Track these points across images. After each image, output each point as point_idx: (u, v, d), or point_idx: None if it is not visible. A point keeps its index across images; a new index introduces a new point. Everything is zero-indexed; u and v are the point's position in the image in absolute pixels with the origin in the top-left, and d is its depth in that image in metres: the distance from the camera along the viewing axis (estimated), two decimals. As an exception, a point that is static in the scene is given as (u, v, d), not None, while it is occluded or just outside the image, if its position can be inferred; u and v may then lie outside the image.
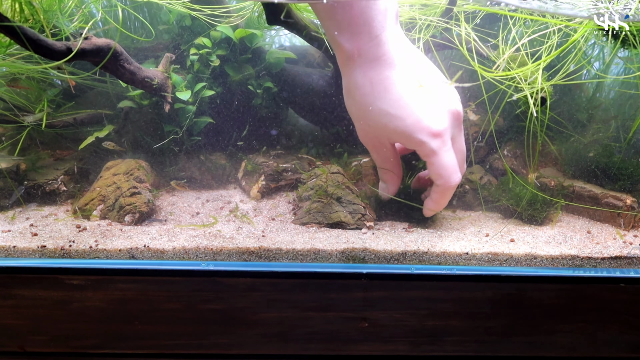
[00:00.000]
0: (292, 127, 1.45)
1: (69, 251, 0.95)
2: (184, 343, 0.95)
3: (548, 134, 1.29)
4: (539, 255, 0.98)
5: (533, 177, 1.23)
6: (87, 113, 1.31)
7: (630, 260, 0.97)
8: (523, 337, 0.95)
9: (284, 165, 1.27)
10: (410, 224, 1.12)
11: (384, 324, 0.93)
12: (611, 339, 0.95)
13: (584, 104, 1.38)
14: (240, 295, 0.91)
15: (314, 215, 1.10)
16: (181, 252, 0.96)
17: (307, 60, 1.48)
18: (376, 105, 0.98)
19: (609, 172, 1.21)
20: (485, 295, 0.92)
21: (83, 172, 1.27)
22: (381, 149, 1.06)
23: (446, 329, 0.94)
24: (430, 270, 0.93)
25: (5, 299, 0.90)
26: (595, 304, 0.93)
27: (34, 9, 1.05)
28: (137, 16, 1.37)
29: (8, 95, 1.24)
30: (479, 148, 1.33)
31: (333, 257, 0.97)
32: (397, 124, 0.98)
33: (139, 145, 1.27)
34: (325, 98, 1.33)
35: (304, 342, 0.95)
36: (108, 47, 1.07)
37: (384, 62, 0.96)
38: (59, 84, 1.36)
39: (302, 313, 0.93)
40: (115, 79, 1.21)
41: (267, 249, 0.97)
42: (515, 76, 1.13)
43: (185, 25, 1.31)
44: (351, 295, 0.92)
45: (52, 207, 1.18)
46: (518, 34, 1.23)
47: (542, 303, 0.93)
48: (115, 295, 0.91)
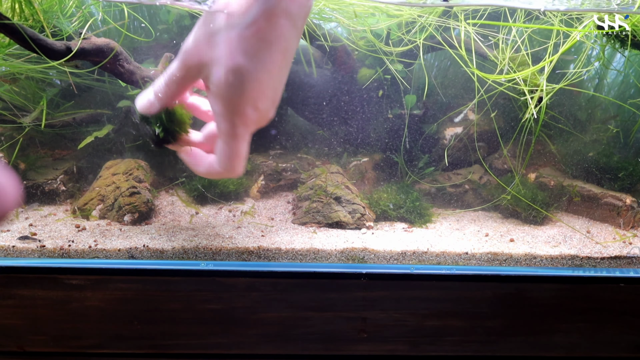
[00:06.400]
0: (292, 127, 1.44)
1: (68, 251, 0.95)
2: (184, 343, 0.95)
3: (548, 133, 1.29)
4: (539, 255, 0.98)
5: (526, 174, 1.23)
6: (87, 113, 1.31)
7: (630, 260, 0.97)
8: (523, 337, 0.95)
9: (283, 165, 1.27)
10: (409, 224, 1.12)
11: (384, 323, 0.93)
12: (611, 339, 0.95)
13: (584, 103, 1.38)
14: (240, 295, 0.91)
15: (313, 215, 1.10)
16: (180, 251, 0.96)
17: (306, 59, 1.48)
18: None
19: (608, 172, 1.21)
20: (485, 295, 0.92)
21: (82, 171, 1.27)
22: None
23: (446, 329, 0.94)
24: (430, 270, 0.93)
25: (4, 299, 0.90)
26: (595, 303, 0.92)
27: (34, 9, 1.05)
28: (137, 16, 1.37)
29: (8, 95, 1.24)
30: (479, 148, 1.33)
31: (332, 256, 0.97)
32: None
33: (139, 145, 1.27)
34: (324, 98, 1.33)
35: (303, 342, 0.95)
36: (108, 47, 1.07)
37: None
38: (58, 84, 1.36)
39: (302, 313, 0.93)
40: (114, 79, 1.21)
41: (266, 249, 0.96)
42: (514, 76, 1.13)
43: (185, 24, 1.30)
44: (351, 295, 0.91)
45: (51, 206, 1.17)
46: (518, 32, 1.23)
47: (542, 303, 0.92)
48: (115, 295, 0.91)
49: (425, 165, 1.29)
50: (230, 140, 0.88)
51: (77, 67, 1.18)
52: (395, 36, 1.29)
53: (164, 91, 0.91)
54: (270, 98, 0.87)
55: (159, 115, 0.91)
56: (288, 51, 0.85)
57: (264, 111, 0.87)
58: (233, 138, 0.87)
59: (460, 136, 1.29)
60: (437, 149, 1.31)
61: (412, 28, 1.26)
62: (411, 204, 1.15)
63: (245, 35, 0.82)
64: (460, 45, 1.20)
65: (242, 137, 0.87)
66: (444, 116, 1.34)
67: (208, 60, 0.85)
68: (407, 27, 1.27)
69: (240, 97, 0.85)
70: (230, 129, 0.87)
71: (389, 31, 1.28)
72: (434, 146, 1.32)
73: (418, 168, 1.21)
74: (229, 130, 0.87)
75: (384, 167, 1.31)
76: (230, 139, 0.87)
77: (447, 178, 1.28)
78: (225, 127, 0.87)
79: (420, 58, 1.26)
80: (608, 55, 1.34)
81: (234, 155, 0.89)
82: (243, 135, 0.87)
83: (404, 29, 1.28)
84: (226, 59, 0.84)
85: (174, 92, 0.90)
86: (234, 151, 0.88)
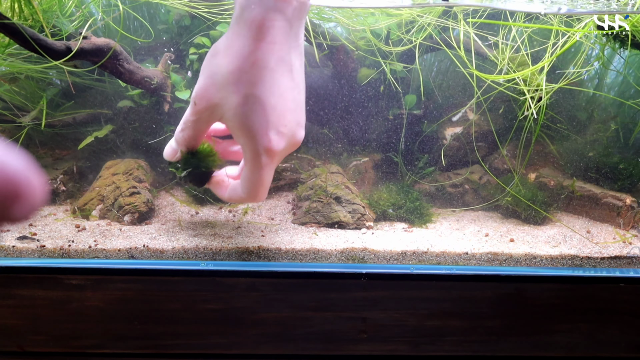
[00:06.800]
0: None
1: (68, 251, 0.95)
2: (184, 343, 0.95)
3: (548, 133, 1.29)
4: (539, 255, 0.98)
5: (526, 174, 1.23)
6: (87, 113, 1.31)
7: (630, 260, 0.97)
8: (523, 337, 0.95)
9: (283, 165, 1.27)
10: (409, 224, 1.12)
11: (384, 323, 0.93)
12: (611, 339, 0.95)
13: (584, 103, 1.38)
14: (240, 295, 0.91)
15: (313, 215, 1.10)
16: (180, 251, 0.96)
17: (306, 59, 1.48)
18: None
19: (608, 171, 1.21)
20: (485, 295, 0.92)
21: (82, 171, 1.27)
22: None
23: (446, 329, 0.94)
24: (430, 270, 0.93)
25: (4, 299, 0.90)
26: (595, 303, 0.92)
27: (34, 8, 1.05)
28: (137, 16, 1.37)
29: (8, 95, 1.24)
30: (479, 148, 1.33)
31: (332, 256, 0.97)
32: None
33: (138, 145, 1.27)
34: (324, 97, 1.33)
35: (303, 342, 0.95)
36: (107, 47, 1.07)
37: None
38: (57, 84, 1.35)
39: (302, 313, 0.93)
40: (114, 79, 1.21)
41: (266, 249, 0.96)
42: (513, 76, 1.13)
43: (184, 24, 1.30)
44: (351, 295, 0.91)
45: (51, 206, 1.17)
46: (518, 32, 1.23)
47: (542, 303, 0.92)
48: (115, 295, 0.91)
49: (425, 165, 1.29)
50: (256, 169, 0.87)
51: (75, 67, 1.18)
52: (395, 36, 1.29)
53: (181, 138, 0.92)
54: (291, 120, 0.85)
55: (184, 158, 0.93)
56: (294, 72, 0.84)
57: (288, 135, 0.86)
58: (258, 167, 0.86)
59: (460, 136, 1.29)
60: (436, 148, 1.31)
61: (412, 28, 1.26)
62: (411, 204, 1.15)
63: (245, 67, 0.82)
64: (460, 45, 1.20)
65: (267, 166, 0.87)
66: (444, 116, 1.34)
67: (218, 101, 0.85)
68: (407, 26, 1.27)
69: (260, 125, 0.84)
70: (255, 158, 0.86)
71: (389, 31, 1.28)
72: (433, 146, 1.32)
73: (418, 168, 1.21)
74: (254, 159, 0.86)
75: (384, 167, 1.31)
76: (256, 168, 0.87)
77: (447, 178, 1.28)
78: (251, 157, 0.86)
79: (416, 59, 1.26)
80: (608, 55, 1.34)
81: (258, 184, 0.88)
82: (268, 164, 0.86)
83: (403, 28, 1.28)
84: (236, 94, 0.83)
85: (190, 136, 0.91)
86: (258, 179, 0.88)
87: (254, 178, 0.87)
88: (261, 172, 0.86)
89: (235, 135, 0.86)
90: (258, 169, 0.86)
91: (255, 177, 0.87)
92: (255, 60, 0.81)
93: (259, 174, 0.86)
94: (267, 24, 0.78)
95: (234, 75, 0.82)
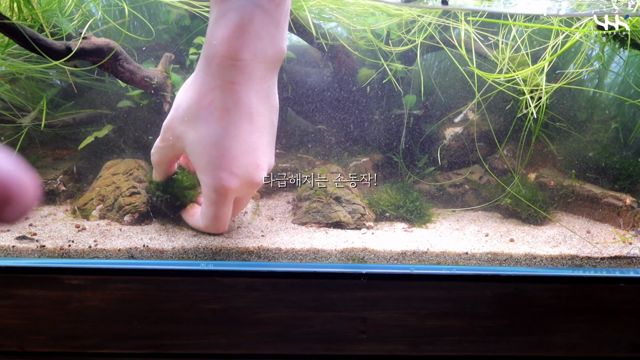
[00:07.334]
0: (292, 127, 1.44)
1: (68, 251, 0.95)
2: (183, 343, 0.95)
3: (548, 133, 1.29)
4: (539, 255, 0.98)
5: (526, 174, 1.23)
6: (87, 113, 1.31)
7: (630, 260, 0.97)
8: (522, 337, 0.95)
9: (283, 165, 1.26)
10: (409, 224, 1.12)
11: (384, 323, 0.93)
12: (611, 339, 0.95)
13: (584, 103, 1.38)
14: (240, 295, 0.91)
15: (313, 215, 1.10)
16: (180, 251, 0.96)
17: (306, 59, 1.48)
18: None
19: (608, 171, 1.21)
20: (485, 295, 0.92)
21: (82, 171, 1.26)
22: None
23: (446, 329, 0.94)
24: (430, 270, 0.93)
25: (4, 299, 0.90)
26: (595, 303, 0.92)
27: (33, 8, 1.05)
28: (137, 15, 1.37)
29: (8, 95, 1.24)
30: (479, 147, 1.33)
31: (332, 257, 0.97)
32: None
33: (139, 145, 1.27)
34: (324, 98, 1.33)
35: (303, 342, 0.95)
36: (107, 47, 1.07)
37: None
38: (58, 84, 1.35)
39: (302, 313, 0.93)
40: (114, 79, 1.21)
41: (266, 249, 0.96)
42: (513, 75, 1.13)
43: (184, 24, 1.30)
44: (351, 295, 0.91)
45: (51, 206, 1.17)
46: (518, 32, 1.23)
47: (542, 303, 0.92)
48: (115, 295, 0.91)
49: (425, 165, 1.29)
50: (210, 203, 0.91)
51: (75, 67, 1.18)
52: (395, 36, 1.29)
53: (153, 160, 0.98)
54: (245, 163, 0.86)
55: (162, 183, 1.02)
56: (254, 116, 0.85)
57: (242, 176, 0.87)
58: (212, 203, 0.90)
59: (460, 136, 1.29)
60: (437, 148, 1.31)
61: (412, 28, 1.26)
62: (411, 204, 1.15)
63: (203, 104, 0.83)
64: (460, 45, 1.20)
65: (220, 203, 0.89)
66: (444, 116, 1.34)
67: (179, 134, 0.87)
68: (407, 26, 1.26)
69: (212, 164, 0.86)
70: (209, 194, 0.89)
71: (389, 31, 1.28)
72: (433, 146, 1.32)
73: (418, 168, 1.21)
74: (208, 195, 0.90)
75: (384, 167, 1.31)
76: (210, 202, 0.90)
77: (447, 178, 1.28)
78: (205, 191, 0.90)
79: (417, 58, 1.26)
80: (608, 55, 1.34)
81: (214, 218, 0.93)
82: (221, 201, 0.89)
83: (403, 28, 1.28)
84: (193, 130, 0.85)
85: (159, 161, 0.96)
86: (214, 214, 0.92)
87: (208, 211, 0.91)
88: (214, 206, 0.89)
89: (194, 168, 0.90)
90: (212, 203, 0.89)
91: (210, 211, 0.91)
92: (212, 99, 0.83)
93: (213, 208, 0.90)
94: (225, 62, 0.79)
95: (191, 111, 0.85)
